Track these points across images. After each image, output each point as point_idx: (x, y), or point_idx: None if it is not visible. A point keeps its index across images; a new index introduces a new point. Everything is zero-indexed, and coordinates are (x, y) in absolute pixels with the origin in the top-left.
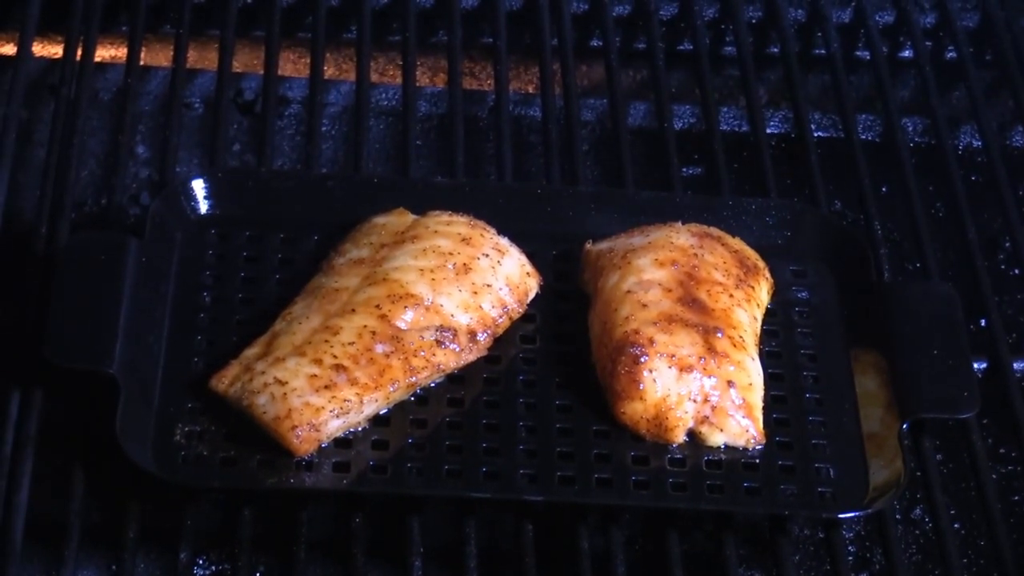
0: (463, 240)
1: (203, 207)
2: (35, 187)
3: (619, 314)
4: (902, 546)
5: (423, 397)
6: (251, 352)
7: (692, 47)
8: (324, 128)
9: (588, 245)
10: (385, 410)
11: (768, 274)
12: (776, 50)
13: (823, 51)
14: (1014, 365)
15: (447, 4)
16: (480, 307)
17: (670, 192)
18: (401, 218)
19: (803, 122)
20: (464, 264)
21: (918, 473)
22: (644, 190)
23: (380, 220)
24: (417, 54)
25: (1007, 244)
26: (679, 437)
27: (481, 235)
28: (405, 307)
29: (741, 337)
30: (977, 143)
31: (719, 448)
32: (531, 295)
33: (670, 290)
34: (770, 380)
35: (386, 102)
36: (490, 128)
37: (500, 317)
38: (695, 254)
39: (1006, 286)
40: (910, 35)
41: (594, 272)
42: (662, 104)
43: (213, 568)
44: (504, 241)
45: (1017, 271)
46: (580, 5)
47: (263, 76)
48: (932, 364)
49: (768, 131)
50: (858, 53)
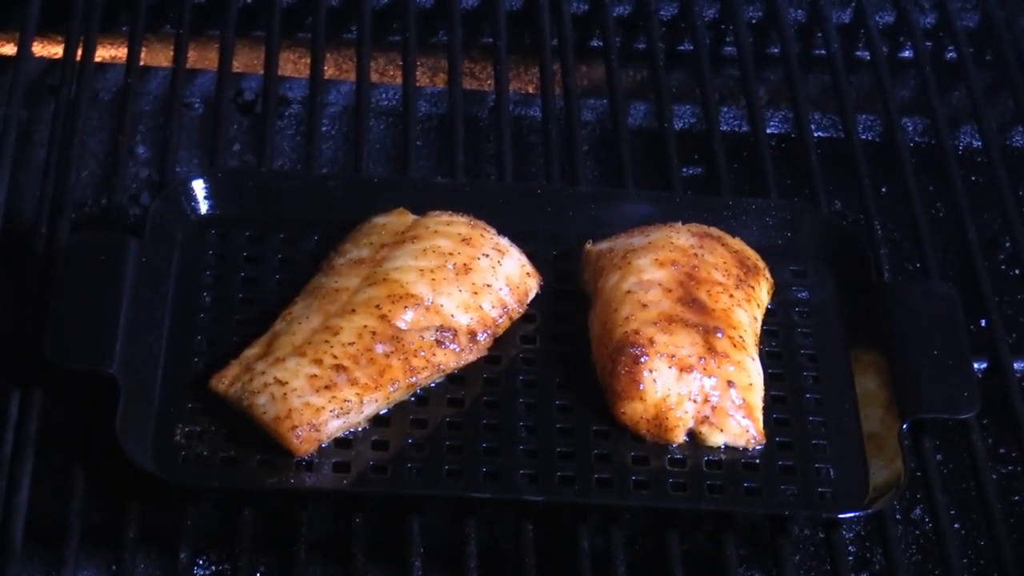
0: (463, 240)
1: (203, 207)
2: (35, 187)
3: (619, 314)
4: (902, 546)
5: (423, 397)
6: (251, 352)
7: (692, 47)
8: (324, 128)
9: (588, 245)
10: (385, 410)
11: (768, 274)
12: (776, 50)
13: (823, 51)
14: (1014, 365)
15: (447, 4)
16: (480, 307)
17: (670, 192)
18: (401, 218)
19: (803, 122)
20: (464, 264)
21: (918, 473)
22: (644, 190)
23: (380, 220)
24: (417, 54)
25: (1007, 244)
26: (679, 437)
27: (481, 235)
28: (405, 307)
29: (741, 337)
30: (977, 143)
31: (719, 448)
32: (531, 295)
33: (670, 290)
34: (770, 380)
35: (386, 102)
36: (490, 128)
37: (500, 317)
38: (695, 254)
39: (1006, 286)
40: (910, 35)
41: (594, 272)
42: (662, 104)
43: (213, 568)
44: (504, 241)
45: (1017, 271)
46: (580, 5)
47: (263, 76)
48: (932, 364)
49: (768, 131)
50: (858, 53)
